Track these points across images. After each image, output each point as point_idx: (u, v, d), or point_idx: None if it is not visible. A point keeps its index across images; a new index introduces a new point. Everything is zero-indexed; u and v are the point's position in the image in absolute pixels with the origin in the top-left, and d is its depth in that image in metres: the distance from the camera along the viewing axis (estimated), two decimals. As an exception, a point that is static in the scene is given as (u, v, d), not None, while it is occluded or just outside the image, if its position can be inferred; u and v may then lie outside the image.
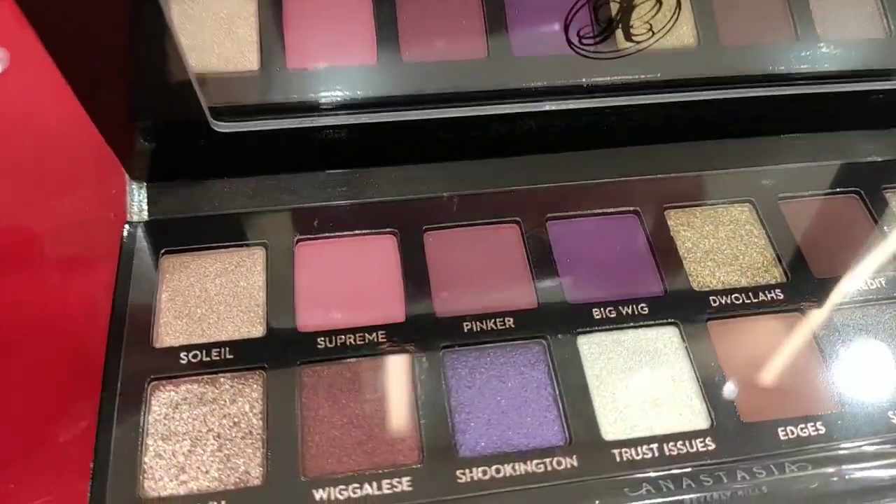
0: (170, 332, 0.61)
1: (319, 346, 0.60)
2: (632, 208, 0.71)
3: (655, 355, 0.63)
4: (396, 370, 0.60)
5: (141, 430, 0.57)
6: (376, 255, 0.66)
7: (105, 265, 0.66)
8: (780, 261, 0.69)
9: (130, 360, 0.60)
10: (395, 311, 0.63)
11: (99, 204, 0.75)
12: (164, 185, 0.69)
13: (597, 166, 0.72)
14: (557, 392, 0.60)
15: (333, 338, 0.61)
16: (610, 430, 0.59)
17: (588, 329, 0.63)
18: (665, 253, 0.68)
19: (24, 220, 0.75)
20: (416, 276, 0.65)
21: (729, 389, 0.61)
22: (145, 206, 0.69)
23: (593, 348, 0.63)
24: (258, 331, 0.62)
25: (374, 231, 0.67)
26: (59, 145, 0.78)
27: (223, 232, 0.67)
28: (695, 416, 0.60)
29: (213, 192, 0.69)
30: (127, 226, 0.67)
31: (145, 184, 0.69)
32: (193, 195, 0.69)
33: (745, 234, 0.71)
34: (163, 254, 0.66)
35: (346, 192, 0.70)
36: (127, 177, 0.69)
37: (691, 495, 0.56)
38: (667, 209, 0.71)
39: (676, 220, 0.71)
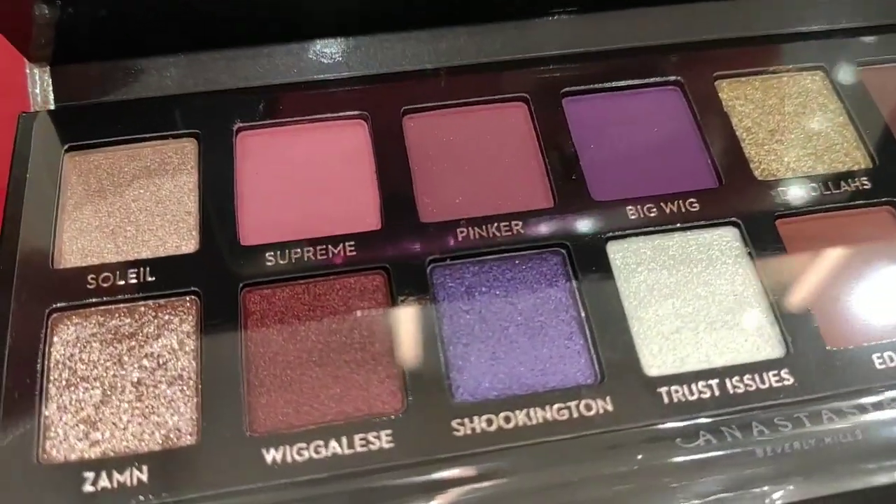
0: (74, 249, 0.50)
1: (269, 264, 0.49)
2: (672, 78, 0.58)
3: (710, 264, 0.51)
4: (370, 292, 0.49)
5: (39, 375, 0.46)
6: (341, 145, 0.55)
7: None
8: (864, 141, 0.56)
9: (24, 287, 0.48)
10: (366, 216, 0.52)
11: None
12: (72, 68, 0.58)
13: (626, 28, 0.60)
14: (583, 315, 0.49)
15: (286, 252, 0.50)
16: (653, 362, 0.47)
17: (621, 233, 0.52)
18: (717, 134, 0.56)
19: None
20: (393, 171, 0.53)
21: (808, 307, 0.49)
22: (50, 94, 0.56)
23: (629, 257, 0.51)
24: (189, 245, 0.50)
25: (337, 115, 0.56)
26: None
27: (143, 120, 0.55)
28: (765, 342, 0.49)
29: (133, 74, 0.57)
30: (22, 117, 0.55)
31: (48, 67, 0.56)
32: (109, 78, 0.56)
33: (817, 109, 0.58)
34: (66, 150, 0.54)
35: (300, 68, 0.59)
36: (26, 61, 0.56)
37: (764, 446, 0.44)
38: (717, 79, 0.60)
39: (730, 93, 0.59)
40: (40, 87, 0.58)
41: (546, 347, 0.48)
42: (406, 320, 0.48)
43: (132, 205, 0.52)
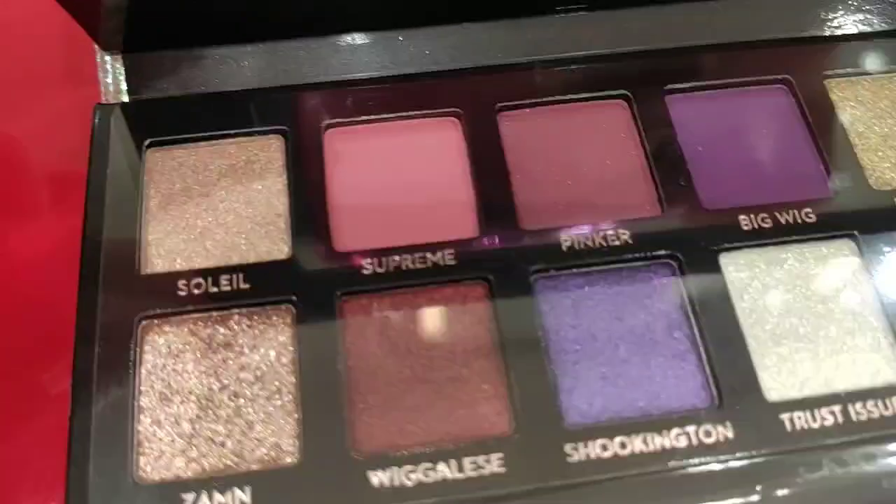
0: (161, 252, 0.49)
1: (366, 272, 0.48)
2: (780, 76, 0.56)
3: (827, 280, 0.50)
4: (471, 304, 0.48)
5: (131, 387, 0.45)
6: (434, 145, 0.53)
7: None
8: None
9: (111, 293, 0.47)
10: (463, 221, 0.50)
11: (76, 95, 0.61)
12: (147, 56, 0.56)
13: (731, 21, 0.58)
14: (696, 332, 0.47)
15: (384, 260, 0.49)
16: (773, 385, 0.46)
17: (734, 244, 0.51)
18: (829, 138, 0.54)
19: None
20: (490, 174, 0.52)
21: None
22: (123, 84, 0.55)
23: (742, 271, 0.50)
24: (281, 251, 0.49)
25: (429, 113, 0.55)
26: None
27: (224, 115, 0.54)
28: (887, 365, 0.47)
29: (211, 64, 0.55)
30: (98, 110, 0.53)
31: (120, 54, 0.56)
32: (185, 68, 0.55)
33: (937, 111, 0.56)
34: (148, 146, 0.52)
35: (389, 61, 0.57)
36: (97, 48, 0.55)
37: (891, 478, 0.43)
38: (827, 78, 0.58)
39: (840, 93, 0.57)
40: (112, 76, 0.56)
41: (658, 367, 0.47)
42: (510, 334, 0.47)
43: (219, 206, 0.51)
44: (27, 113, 0.64)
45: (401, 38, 0.58)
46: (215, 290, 0.48)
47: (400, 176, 0.53)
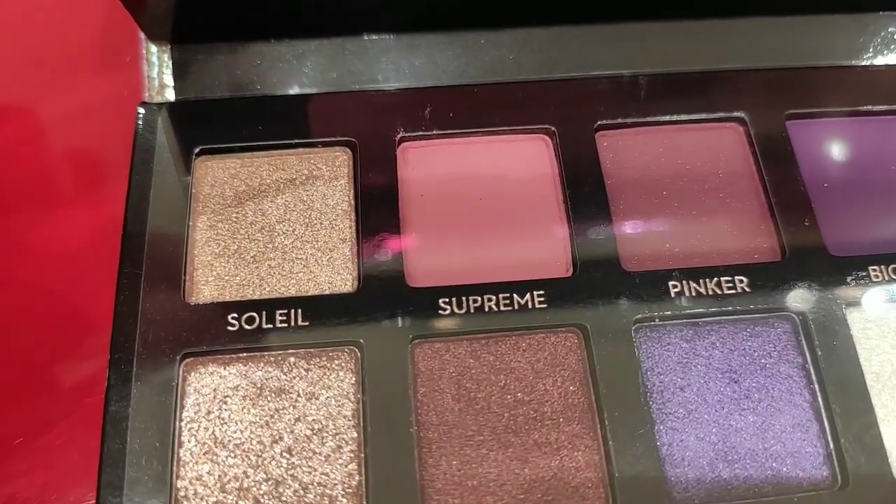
0: (210, 278, 0.43)
1: (442, 312, 0.41)
2: None
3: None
4: (563, 355, 0.41)
5: (171, 436, 0.39)
6: (521, 164, 0.47)
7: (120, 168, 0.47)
8: None
9: (151, 324, 0.41)
10: (556, 258, 0.44)
11: (112, 82, 0.55)
12: (197, 49, 0.50)
13: (860, 34, 0.50)
14: (820, 400, 0.41)
15: (464, 300, 0.42)
16: None
17: (863, 300, 0.43)
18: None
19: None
20: (585, 199, 0.46)
21: None
22: (169, 80, 0.49)
23: (870, 330, 0.43)
24: (346, 282, 0.43)
25: (516, 128, 0.48)
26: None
27: (287, 123, 0.47)
28: None
29: (268, 62, 0.49)
30: (142, 108, 0.47)
31: (169, 46, 0.50)
32: (240, 65, 0.49)
33: None
34: (197, 154, 0.46)
35: (471, 67, 0.50)
36: (142, 36, 0.49)
37: None
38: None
39: None
40: (158, 69, 0.50)
41: (776, 438, 0.41)
42: (608, 392, 0.41)
43: (277, 227, 0.45)
44: (61, 96, 0.58)
45: (483, 41, 0.51)
46: (269, 325, 0.42)
47: (484, 201, 0.46)
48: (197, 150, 0.48)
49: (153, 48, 0.51)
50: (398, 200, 0.46)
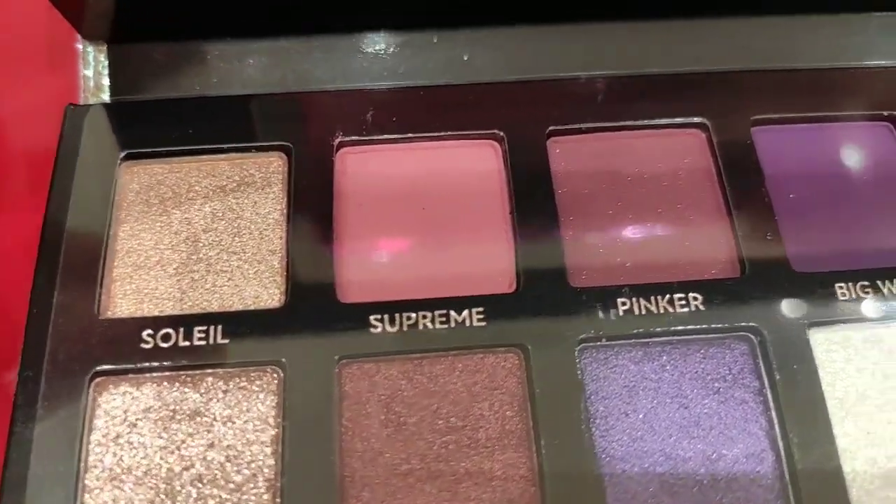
0: (127, 291, 0.40)
1: (373, 329, 0.38)
2: (885, 112, 0.45)
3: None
4: (502, 377, 0.38)
5: (76, 460, 0.35)
6: (468, 172, 0.43)
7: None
8: None
9: (62, 340, 0.38)
10: (499, 272, 0.40)
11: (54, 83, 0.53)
12: (134, 49, 0.47)
13: (828, 39, 0.47)
14: (777, 428, 0.38)
15: (397, 317, 0.39)
16: (866, 499, 0.36)
17: (828, 319, 0.40)
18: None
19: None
20: (533, 209, 0.42)
21: None
22: (105, 80, 0.46)
23: (835, 352, 0.40)
24: (272, 298, 0.40)
25: (463, 133, 0.45)
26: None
27: (219, 125, 0.44)
28: None
29: (209, 62, 0.46)
30: (69, 111, 0.44)
31: (105, 46, 0.47)
32: (179, 65, 0.46)
33: None
34: (123, 158, 0.43)
35: (417, 68, 0.47)
36: (78, 37, 0.47)
37: None
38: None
39: (959, 134, 0.46)
40: (94, 69, 0.48)
41: (727, 469, 0.38)
42: (547, 418, 0.38)
43: (202, 237, 0.42)
44: (4, 97, 0.55)
45: (435, 40, 0.48)
46: (186, 343, 0.39)
47: (426, 211, 0.43)
48: (123, 154, 0.45)
49: (89, 48, 0.48)
50: (333, 210, 0.43)
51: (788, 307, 0.41)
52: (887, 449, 0.39)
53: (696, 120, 0.46)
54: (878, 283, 0.42)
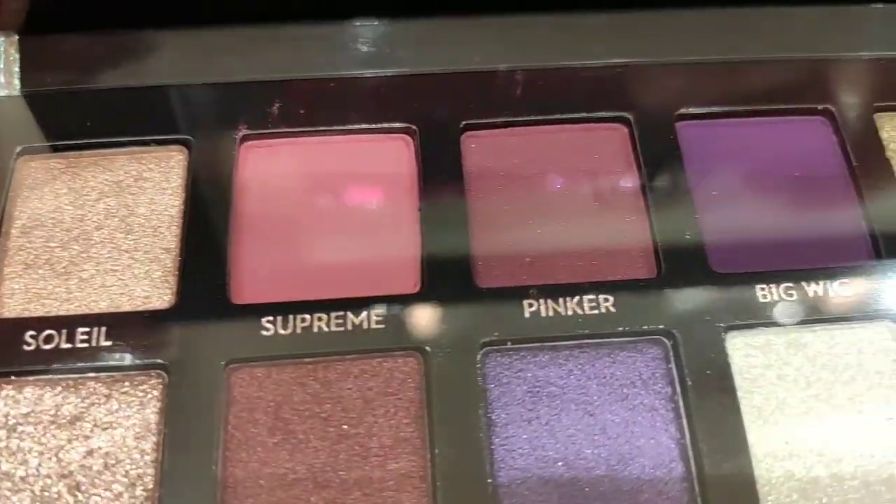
0: (14, 289, 0.38)
1: (266, 333, 0.36)
2: (819, 107, 0.43)
3: (861, 373, 0.37)
4: (399, 382, 0.36)
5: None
6: (378, 167, 0.41)
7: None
8: None
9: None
10: (403, 273, 0.38)
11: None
12: (45, 40, 0.46)
13: (758, 32, 0.45)
14: (688, 436, 0.35)
15: (290, 319, 0.36)
16: None
17: (747, 322, 0.38)
18: (876, 187, 0.42)
19: None
20: (445, 209, 0.40)
21: None
22: (16, 70, 0.43)
23: (754, 357, 0.37)
24: (162, 298, 0.37)
25: (375, 127, 0.42)
26: None
27: (122, 117, 0.42)
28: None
29: (115, 51, 0.45)
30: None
31: (16, 37, 0.45)
32: (90, 55, 0.45)
33: None
34: (20, 153, 0.41)
35: (328, 59, 0.44)
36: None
37: None
38: (879, 111, 0.45)
39: (892, 132, 0.44)
40: (4, 60, 0.45)
41: (632, 480, 0.36)
42: (443, 425, 0.35)
43: (94, 234, 0.40)
44: None
45: (357, 24, 0.45)
46: (68, 345, 0.37)
47: (332, 208, 0.41)
48: (19, 149, 0.42)
49: (1, 38, 0.45)
50: (231, 206, 0.40)
51: (704, 308, 0.39)
52: (807, 460, 0.37)
53: (618, 114, 0.44)
54: (804, 284, 0.40)
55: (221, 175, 0.41)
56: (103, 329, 0.37)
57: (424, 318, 0.38)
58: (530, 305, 0.39)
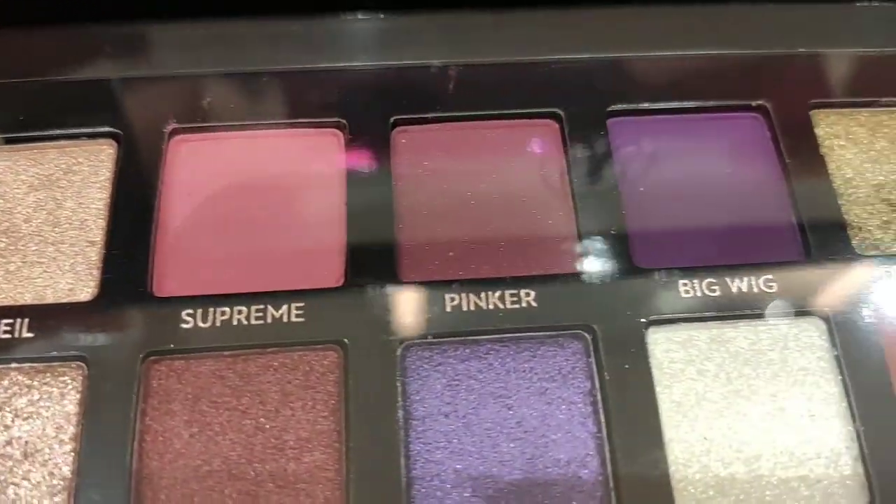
0: (-63, 282, 0.37)
1: (185, 326, 0.36)
2: (754, 103, 0.43)
3: (786, 369, 0.37)
4: (318, 376, 0.36)
5: None
6: (307, 162, 0.41)
7: None
8: None
9: None
10: (327, 267, 0.38)
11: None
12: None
13: (696, 30, 0.45)
14: (604, 431, 0.35)
15: (210, 312, 0.36)
16: None
17: (668, 317, 0.38)
18: (808, 184, 0.42)
19: None
20: (370, 205, 0.40)
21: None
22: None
23: (675, 352, 0.37)
24: (85, 290, 0.37)
25: (304, 122, 0.43)
26: None
27: (52, 112, 0.41)
28: (847, 487, 0.35)
29: (62, 48, 0.44)
30: None
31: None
32: (23, 48, 0.44)
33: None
34: (-53, 147, 0.41)
35: (261, 54, 0.45)
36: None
37: None
38: (814, 108, 0.45)
39: (829, 128, 0.44)
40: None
41: (546, 473, 0.35)
42: (359, 419, 0.35)
43: (23, 227, 0.40)
44: None
45: (290, 20, 0.45)
46: (-11, 336, 0.36)
47: (259, 203, 0.41)
48: (-55, 143, 0.42)
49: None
50: (157, 200, 0.40)
51: (625, 302, 0.39)
52: (724, 455, 0.37)
53: (550, 110, 0.44)
54: (727, 280, 0.40)
55: (148, 169, 0.41)
56: (26, 321, 0.37)
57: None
58: (452, 300, 0.38)
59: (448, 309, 0.38)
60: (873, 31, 0.47)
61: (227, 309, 0.38)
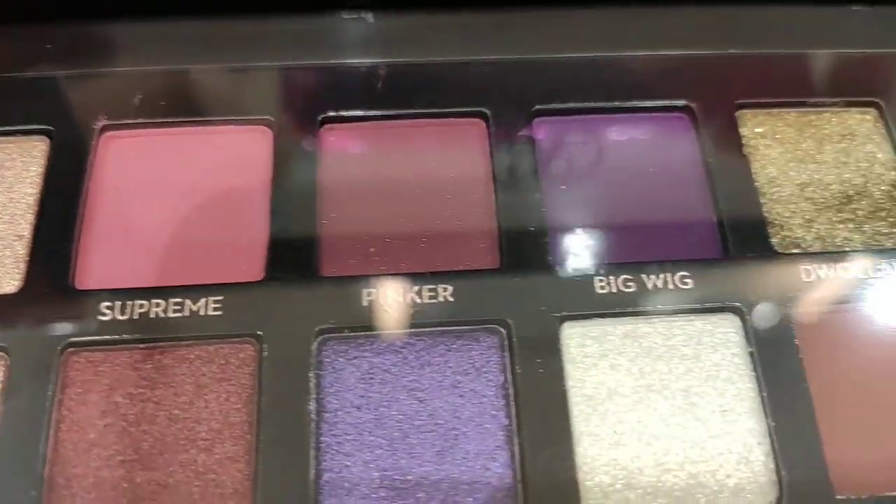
0: None
1: (103, 318, 0.36)
2: (680, 103, 0.43)
3: (699, 364, 0.37)
4: (233, 368, 0.36)
5: None
6: (235, 159, 0.41)
7: None
8: (926, 207, 0.42)
9: None
10: (248, 262, 0.38)
11: None
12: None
13: (621, 28, 0.45)
14: (514, 423, 0.35)
15: (128, 305, 0.37)
16: (602, 501, 0.34)
17: (583, 313, 0.38)
18: (730, 183, 0.42)
19: None
20: (295, 202, 0.41)
21: (817, 442, 0.36)
22: None
23: (588, 346, 0.38)
24: (11, 283, 0.38)
25: (232, 119, 0.43)
26: None
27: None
28: (757, 483, 0.35)
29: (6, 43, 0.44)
30: None
31: None
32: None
33: (865, 159, 0.44)
34: None
35: (192, 51, 0.45)
36: None
37: None
38: (741, 108, 0.45)
39: (754, 128, 0.44)
40: None
41: (455, 466, 0.36)
42: (270, 411, 0.36)
43: (-49, 220, 0.40)
44: None
45: (232, 20, 0.46)
46: (-87, 331, 0.37)
47: (186, 199, 0.41)
48: None
49: None
50: (83, 195, 0.41)
51: (542, 300, 0.39)
52: (633, 449, 0.37)
53: (477, 110, 0.44)
54: (643, 276, 0.40)
55: (77, 165, 0.42)
56: (-55, 312, 0.38)
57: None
58: (369, 294, 0.39)
59: (365, 303, 0.39)
60: (802, 32, 0.48)
61: (144, 302, 0.38)
